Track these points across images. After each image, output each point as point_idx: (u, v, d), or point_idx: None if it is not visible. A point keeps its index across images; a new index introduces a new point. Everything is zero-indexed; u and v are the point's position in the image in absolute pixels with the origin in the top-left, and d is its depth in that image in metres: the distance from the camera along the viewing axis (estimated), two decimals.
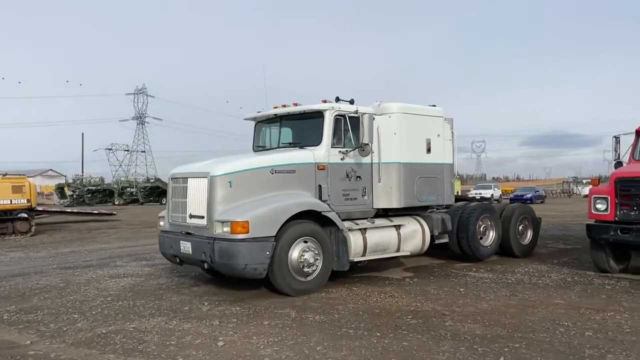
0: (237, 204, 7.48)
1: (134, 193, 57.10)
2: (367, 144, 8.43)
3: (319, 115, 8.51)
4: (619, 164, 9.82)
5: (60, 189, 59.67)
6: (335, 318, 6.30)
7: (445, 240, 10.05)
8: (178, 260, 8.30)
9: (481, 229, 10.40)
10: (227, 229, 7.15)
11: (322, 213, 7.89)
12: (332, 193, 8.35)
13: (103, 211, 28.28)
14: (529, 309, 6.64)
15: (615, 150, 9.93)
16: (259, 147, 9.69)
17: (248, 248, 7.07)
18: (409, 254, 9.16)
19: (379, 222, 8.86)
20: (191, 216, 7.82)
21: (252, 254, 7.09)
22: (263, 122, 9.72)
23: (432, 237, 9.56)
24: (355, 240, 8.24)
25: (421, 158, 9.55)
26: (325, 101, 8.60)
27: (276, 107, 9.32)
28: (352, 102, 8.79)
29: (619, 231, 8.25)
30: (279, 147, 9.18)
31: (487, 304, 6.94)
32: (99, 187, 58.84)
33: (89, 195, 56.69)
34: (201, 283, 8.66)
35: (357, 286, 8.10)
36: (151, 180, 62.74)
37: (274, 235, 7.29)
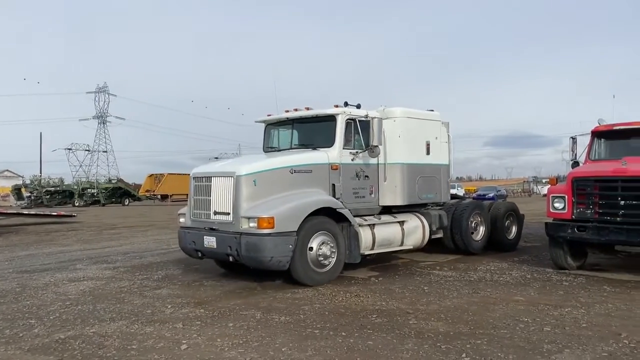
0: (261, 201, 8.04)
1: (95, 194, 55.83)
2: (377, 146, 9.04)
3: (331, 118, 9.12)
4: (575, 163, 10.15)
5: (17, 190, 57.69)
6: (300, 318, 6.29)
7: (440, 235, 10.67)
8: (199, 255, 8.76)
9: (472, 225, 11.11)
10: (253, 224, 7.71)
11: (337, 210, 8.50)
12: (343, 191, 9.00)
13: (62, 213, 27.47)
14: (490, 305, 6.78)
15: (572, 151, 10.28)
16: (269, 148, 10.26)
17: (273, 242, 7.63)
18: (411, 247, 9.94)
19: (385, 218, 9.57)
20: (216, 213, 8.32)
21: (277, 247, 7.65)
22: (273, 124, 10.24)
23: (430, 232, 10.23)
24: (365, 235, 8.92)
25: (422, 159, 10.30)
26: (337, 106, 9.21)
27: (288, 111, 9.90)
28: (358, 106, 9.41)
29: (575, 229, 8.51)
30: (291, 149, 9.72)
31: (450, 301, 7.06)
32: (58, 188, 57.12)
33: (48, 197, 54.99)
34: (164, 286, 8.51)
35: (323, 286, 8.10)
36: (113, 181, 61.52)
37: (296, 230, 7.85)
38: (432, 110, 10.86)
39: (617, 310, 6.50)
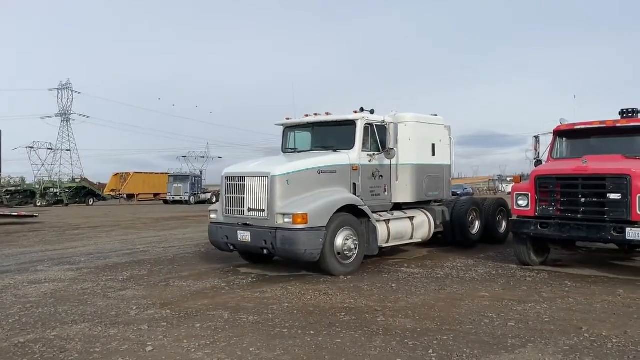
0: (293, 199, 8.67)
1: (58, 194, 54.24)
2: (392, 148, 9.79)
3: (350, 123, 9.86)
4: (538, 162, 10.39)
5: None
6: (269, 318, 6.25)
7: (441, 229, 11.46)
8: (231, 248, 9.41)
9: (470, 220, 12.03)
10: (288, 220, 8.35)
11: (359, 207, 9.22)
12: (362, 190, 9.74)
13: (23, 213, 26.60)
14: (457, 302, 6.89)
15: (536, 150, 10.51)
16: (288, 150, 10.93)
17: (307, 236, 8.28)
18: (420, 240, 10.84)
19: (397, 214, 10.41)
20: (250, 210, 8.89)
21: (310, 241, 8.31)
22: (292, 127, 10.94)
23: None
24: (382, 230, 9.70)
25: (428, 160, 11.32)
26: (356, 112, 9.96)
27: (307, 116, 10.65)
28: (372, 112, 10.03)
29: (538, 226, 8.73)
30: (310, 150, 10.34)
31: (417, 298, 7.13)
32: (19, 188, 55.21)
33: (8, 197, 53.05)
34: (129, 287, 8.33)
35: (292, 285, 8.09)
36: (77, 180, 59.85)
37: (326, 225, 8.50)
38: (436, 115, 11.78)
39: (578, 304, 6.69)
